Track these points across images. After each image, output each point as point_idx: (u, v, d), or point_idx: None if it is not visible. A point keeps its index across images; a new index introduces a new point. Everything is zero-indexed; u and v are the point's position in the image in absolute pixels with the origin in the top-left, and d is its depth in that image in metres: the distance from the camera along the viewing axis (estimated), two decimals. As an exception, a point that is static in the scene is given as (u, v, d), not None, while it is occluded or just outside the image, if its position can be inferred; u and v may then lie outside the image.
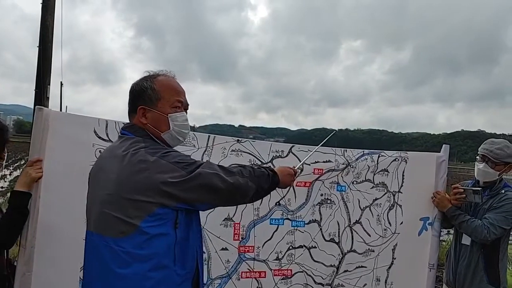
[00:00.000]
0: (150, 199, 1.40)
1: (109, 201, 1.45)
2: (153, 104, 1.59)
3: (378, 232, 2.91)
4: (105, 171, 1.53)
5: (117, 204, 1.43)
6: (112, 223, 1.43)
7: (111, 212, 1.43)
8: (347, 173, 2.82)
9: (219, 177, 1.52)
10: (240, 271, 2.54)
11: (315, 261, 2.74)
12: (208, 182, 1.49)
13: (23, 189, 2.01)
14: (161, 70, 1.69)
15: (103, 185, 1.50)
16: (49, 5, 7.13)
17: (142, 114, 1.59)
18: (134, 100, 1.61)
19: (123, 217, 1.41)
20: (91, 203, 1.57)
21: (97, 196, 1.52)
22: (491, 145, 2.72)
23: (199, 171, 1.48)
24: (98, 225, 1.48)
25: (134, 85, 1.64)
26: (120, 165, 1.46)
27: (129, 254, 1.40)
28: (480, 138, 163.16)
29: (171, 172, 1.43)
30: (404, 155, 3.00)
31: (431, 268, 3.00)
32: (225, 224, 2.50)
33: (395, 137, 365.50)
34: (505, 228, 2.62)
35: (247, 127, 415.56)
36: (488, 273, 2.69)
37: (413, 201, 2.98)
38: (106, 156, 1.60)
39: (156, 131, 1.60)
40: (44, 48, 7.08)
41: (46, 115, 2.10)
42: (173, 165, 1.45)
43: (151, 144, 1.54)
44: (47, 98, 7.25)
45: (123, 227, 1.41)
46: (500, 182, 2.75)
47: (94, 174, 1.62)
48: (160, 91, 1.60)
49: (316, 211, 2.75)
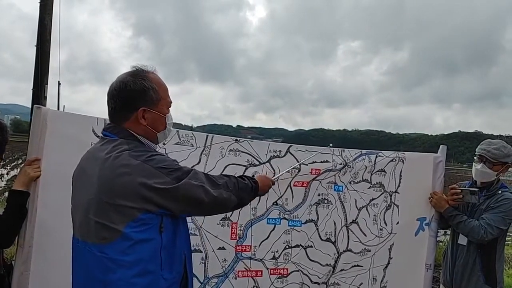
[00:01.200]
0: (133, 204, 1.36)
1: (91, 206, 1.40)
2: (154, 105, 1.55)
3: (374, 232, 2.92)
4: (87, 174, 1.48)
5: (99, 209, 1.38)
6: (94, 229, 1.38)
7: (93, 218, 1.38)
8: (344, 173, 2.83)
9: (203, 189, 1.50)
10: (237, 270, 2.55)
11: (311, 260, 2.75)
12: (192, 194, 1.47)
13: (22, 188, 2.01)
14: (143, 64, 1.59)
15: (85, 189, 1.46)
16: (47, 4, 7.10)
17: (142, 115, 1.53)
18: (133, 100, 1.51)
19: (106, 222, 1.36)
20: (75, 208, 1.52)
21: (80, 201, 1.48)
22: (488, 146, 2.73)
23: (185, 182, 1.45)
24: (82, 232, 1.44)
25: (129, 83, 1.51)
26: (102, 168, 1.41)
27: (113, 261, 1.36)
28: (477, 139, 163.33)
29: (154, 178, 1.39)
30: (402, 155, 3.01)
31: (428, 268, 3.01)
32: (222, 224, 2.51)
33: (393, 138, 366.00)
34: (502, 228, 2.63)
35: (245, 128, 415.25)
36: (484, 273, 2.70)
37: (410, 201, 3.00)
38: (88, 158, 1.54)
39: (153, 131, 1.57)
40: (42, 48, 7.06)
41: (44, 114, 2.10)
42: (157, 170, 1.41)
43: (135, 146, 1.48)
44: (45, 97, 7.22)
45: (106, 233, 1.36)
46: (497, 183, 2.76)
47: (76, 176, 1.57)
48: (159, 91, 1.56)
49: (313, 210, 2.76)
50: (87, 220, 1.40)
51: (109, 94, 1.55)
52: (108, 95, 1.56)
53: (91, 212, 1.39)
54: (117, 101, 1.52)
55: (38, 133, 2.08)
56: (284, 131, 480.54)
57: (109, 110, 1.56)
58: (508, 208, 2.63)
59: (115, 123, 1.55)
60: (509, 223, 2.67)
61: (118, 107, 1.53)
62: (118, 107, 1.53)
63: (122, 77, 1.54)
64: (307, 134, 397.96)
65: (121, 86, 1.51)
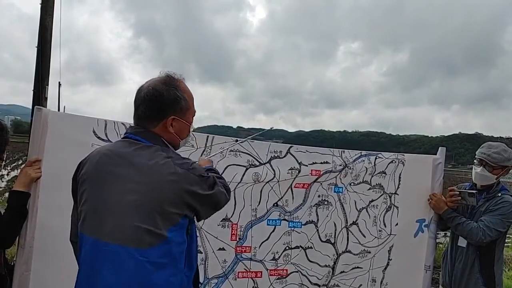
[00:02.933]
0: (177, 210, 1.44)
1: (135, 212, 1.41)
2: (183, 115, 1.61)
3: (373, 233, 2.93)
4: (121, 178, 1.46)
5: (146, 215, 1.40)
6: (137, 234, 1.40)
7: (139, 224, 1.39)
8: (345, 174, 2.84)
9: (225, 197, 1.64)
10: (237, 271, 2.55)
11: (311, 261, 2.76)
12: (219, 200, 1.61)
13: (22, 189, 2.01)
14: (173, 72, 1.63)
15: (120, 193, 1.44)
16: (48, 6, 7.12)
17: (171, 123, 1.57)
18: (164, 108, 1.55)
19: (152, 228, 1.39)
20: (102, 210, 1.46)
21: (112, 203, 1.44)
22: (488, 149, 2.73)
23: (216, 189, 1.57)
24: (117, 235, 1.41)
25: (163, 92, 1.54)
26: (147, 175, 1.44)
27: (153, 264, 1.40)
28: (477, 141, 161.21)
29: (197, 185, 1.49)
30: (401, 157, 3.02)
31: (427, 270, 3.02)
32: (222, 225, 2.52)
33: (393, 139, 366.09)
34: (501, 230, 2.63)
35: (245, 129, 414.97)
36: (483, 275, 2.70)
37: (409, 203, 3.00)
38: (116, 160, 1.50)
39: (178, 138, 1.63)
40: (42, 49, 7.07)
41: (45, 115, 2.11)
42: (199, 178, 1.51)
43: (173, 153, 1.54)
44: (45, 98, 7.23)
45: (151, 238, 1.40)
46: (498, 185, 2.76)
47: (99, 176, 1.51)
48: (188, 101, 1.62)
49: (313, 212, 2.77)
50: (126, 224, 1.41)
51: (139, 99, 1.56)
52: (138, 99, 1.57)
53: (135, 218, 1.40)
54: (149, 107, 1.55)
55: (38, 134, 2.09)
56: (284, 132, 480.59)
57: (139, 114, 1.57)
58: (507, 210, 2.63)
59: (144, 127, 1.58)
60: (508, 226, 2.67)
61: (149, 113, 1.56)
62: (149, 113, 1.56)
63: (155, 84, 1.56)
64: (307, 136, 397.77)
65: (155, 94, 1.54)
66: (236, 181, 2.51)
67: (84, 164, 1.58)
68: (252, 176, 2.57)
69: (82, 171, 1.57)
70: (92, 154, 1.59)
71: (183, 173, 1.46)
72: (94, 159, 1.55)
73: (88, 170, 1.54)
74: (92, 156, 1.58)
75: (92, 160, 1.56)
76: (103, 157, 1.54)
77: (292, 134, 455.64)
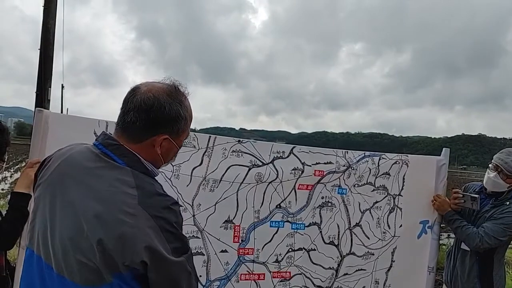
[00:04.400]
0: (126, 261, 1.15)
1: (80, 244, 1.18)
2: (178, 137, 1.37)
3: (377, 235, 2.91)
4: (74, 199, 1.23)
5: (89, 251, 1.16)
6: (79, 269, 1.18)
7: (81, 259, 1.17)
8: (348, 175, 2.82)
9: (188, 281, 1.26)
10: (239, 273, 2.53)
11: (314, 263, 2.74)
12: (177, 277, 1.23)
13: (23, 190, 2.01)
14: (179, 82, 1.39)
15: (72, 219, 1.21)
16: (51, 8, 7.16)
17: (160, 143, 1.32)
18: (160, 124, 1.31)
19: (95, 266, 1.16)
20: (49, 231, 1.25)
21: (59, 229, 1.23)
22: (508, 156, 2.64)
23: (180, 260, 1.22)
24: (60, 265, 1.22)
25: (165, 105, 1.29)
26: (97, 204, 1.18)
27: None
28: (481, 142, 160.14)
29: (158, 242, 1.17)
30: (405, 158, 3.00)
31: (430, 271, 3.00)
32: (225, 227, 2.50)
33: (396, 141, 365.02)
34: (501, 239, 2.58)
35: (248, 130, 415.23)
36: (481, 280, 2.67)
37: (413, 204, 2.98)
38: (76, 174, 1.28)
39: (161, 160, 1.38)
40: (45, 51, 7.11)
41: (46, 117, 2.10)
42: (164, 233, 1.20)
43: (142, 181, 1.26)
44: (48, 100, 7.27)
45: (93, 277, 1.17)
46: (508, 193, 2.68)
47: (51, 186, 1.31)
48: (188, 122, 1.39)
49: (316, 213, 2.74)
50: (70, 257, 1.19)
51: (132, 102, 1.29)
52: (130, 102, 1.30)
53: (77, 250, 1.18)
54: (142, 118, 1.28)
55: (39, 136, 2.08)
56: (287, 134, 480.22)
57: (126, 120, 1.30)
58: (511, 220, 2.58)
59: (123, 138, 1.32)
60: (509, 235, 2.61)
61: (141, 124, 1.28)
62: (139, 124, 1.28)
63: (158, 93, 1.30)
64: (310, 137, 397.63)
65: (155, 104, 1.28)
66: (238, 181, 2.49)
67: (48, 162, 1.40)
68: (255, 176, 2.55)
69: (43, 171, 1.39)
70: (57, 153, 1.40)
71: (146, 220, 1.17)
72: (55, 162, 1.36)
73: (46, 174, 1.36)
74: (56, 157, 1.38)
75: (54, 162, 1.36)
76: (63, 164, 1.33)
77: (295, 135, 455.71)
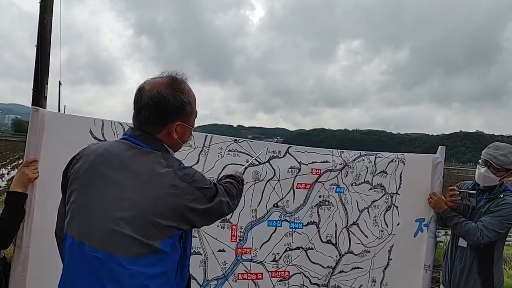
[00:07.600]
0: (173, 223, 1.38)
1: (128, 221, 1.34)
2: (188, 119, 1.55)
3: (375, 233, 2.91)
4: (115, 183, 1.39)
5: (137, 225, 1.34)
6: (125, 243, 1.33)
7: (128, 233, 1.33)
8: (346, 174, 2.82)
9: (227, 205, 1.59)
10: (237, 272, 2.53)
11: (313, 262, 2.74)
12: (220, 211, 1.57)
13: (20, 189, 2.00)
14: (176, 72, 1.55)
15: (114, 200, 1.37)
16: (47, 4, 7.10)
17: (175, 129, 1.51)
18: (170, 114, 1.48)
19: (142, 238, 1.33)
20: (91, 214, 1.39)
21: (105, 210, 1.37)
22: (495, 151, 2.66)
23: (216, 201, 1.51)
24: (104, 241, 1.35)
25: (169, 97, 1.46)
26: (144, 185, 1.37)
27: (141, 274, 1.34)
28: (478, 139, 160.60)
29: (197, 200, 1.43)
30: (401, 156, 3.01)
31: (426, 269, 3.01)
32: (222, 226, 2.49)
33: (394, 138, 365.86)
34: (499, 232, 2.59)
35: (246, 128, 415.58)
36: (481, 276, 2.68)
37: (409, 202, 2.99)
38: (113, 163, 1.43)
39: (180, 143, 1.57)
40: (42, 48, 7.06)
41: (42, 115, 2.10)
42: (199, 191, 1.45)
43: (174, 162, 1.46)
44: (45, 97, 7.22)
45: (140, 248, 1.34)
46: (501, 186, 2.71)
47: (92, 177, 1.43)
48: (193, 104, 1.55)
49: (314, 212, 2.74)
50: (116, 232, 1.34)
51: (142, 103, 1.46)
52: (140, 102, 1.47)
53: (127, 227, 1.33)
54: (153, 113, 1.46)
55: (35, 135, 2.07)
56: (285, 131, 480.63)
57: (140, 119, 1.48)
58: (508, 212, 2.60)
59: (145, 132, 1.49)
60: (507, 227, 2.63)
61: (153, 119, 1.47)
62: (153, 119, 1.47)
63: (159, 88, 1.47)
64: (308, 134, 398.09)
65: (160, 99, 1.45)
66: None
67: (78, 160, 1.50)
68: (252, 175, 2.54)
69: (74, 168, 1.49)
70: (87, 151, 1.51)
71: (184, 187, 1.40)
72: (88, 158, 1.47)
73: (81, 168, 1.46)
74: (87, 154, 1.49)
75: (87, 158, 1.47)
76: (98, 157, 1.45)
77: (293, 132, 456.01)
